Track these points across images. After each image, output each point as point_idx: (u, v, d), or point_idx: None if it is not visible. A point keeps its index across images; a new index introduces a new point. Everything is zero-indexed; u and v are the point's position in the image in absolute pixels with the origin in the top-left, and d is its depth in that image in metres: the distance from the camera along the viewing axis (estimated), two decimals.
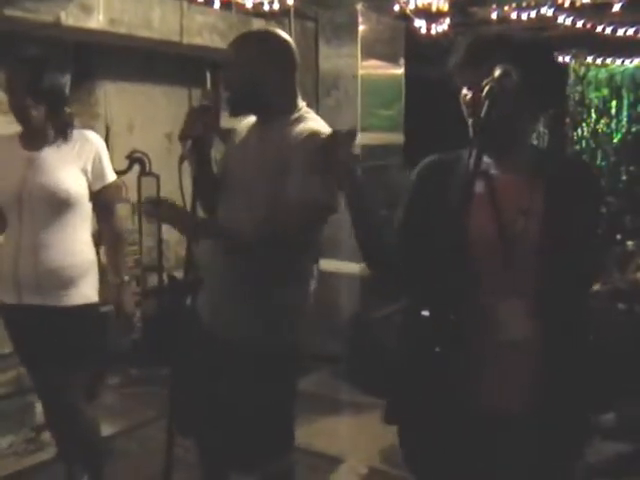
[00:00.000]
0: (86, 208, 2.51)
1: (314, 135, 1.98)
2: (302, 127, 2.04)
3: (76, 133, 2.50)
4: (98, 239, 2.65)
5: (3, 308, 2.57)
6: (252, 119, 2.21)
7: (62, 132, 2.47)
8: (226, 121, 2.23)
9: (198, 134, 1.97)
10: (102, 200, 2.55)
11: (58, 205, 2.42)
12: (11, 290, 2.48)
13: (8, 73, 2.43)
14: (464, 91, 1.59)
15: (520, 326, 1.55)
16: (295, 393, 2.21)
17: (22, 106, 2.40)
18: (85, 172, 2.47)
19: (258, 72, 2.06)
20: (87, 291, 2.51)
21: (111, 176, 2.56)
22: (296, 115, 2.10)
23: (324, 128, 2.05)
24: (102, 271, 2.62)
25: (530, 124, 1.63)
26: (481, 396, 1.56)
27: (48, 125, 2.45)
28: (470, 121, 1.59)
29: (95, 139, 2.54)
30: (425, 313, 1.63)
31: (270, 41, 2.12)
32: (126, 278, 2.61)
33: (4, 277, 2.50)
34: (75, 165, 2.45)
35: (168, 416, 1.88)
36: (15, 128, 2.53)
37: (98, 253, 2.64)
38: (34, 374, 2.62)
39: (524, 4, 4.41)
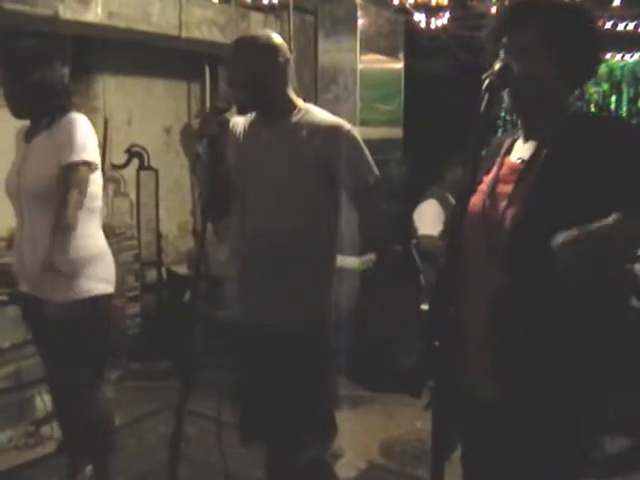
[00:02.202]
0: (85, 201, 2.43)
1: (338, 125, 2.23)
2: (321, 119, 2.23)
3: (64, 118, 2.42)
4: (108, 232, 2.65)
5: (19, 295, 2.63)
6: (242, 119, 2.32)
7: (50, 121, 2.43)
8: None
9: (214, 133, 2.08)
10: (58, 180, 2.37)
11: (37, 196, 2.39)
12: (21, 280, 2.56)
13: (3, 65, 2.42)
14: (498, 62, 1.51)
15: (496, 324, 1.51)
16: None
17: (17, 98, 2.40)
18: (57, 156, 2.37)
19: (257, 76, 2.18)
20: (88, 285, 2.47)
21: (71, 158, 2.36)
22: (301, 110, 2.24)
23: (338, 118, 2.28)
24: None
25: (564, 96, 1.56)
26: (470, 386, 1.57)
27: (44, 116, 2.43)
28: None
29: (74, 120, 2.42)
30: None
31: (264, 45, 2.21)
32: (55, 264, 2.40)
33: (16, 268, 2.58)
34: (51, 153, 2.39)
35: (177, 409, 1.90)
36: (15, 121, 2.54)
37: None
38: (45, 363, 2.66)
39: None
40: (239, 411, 2.37)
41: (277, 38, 2.25)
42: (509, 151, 1.62)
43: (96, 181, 2.50)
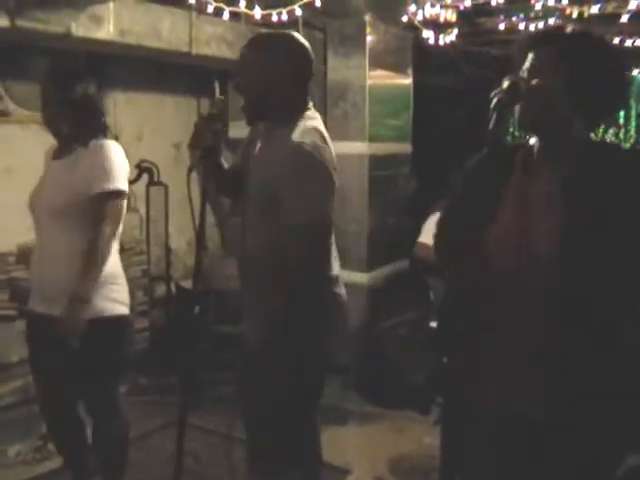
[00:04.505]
0: None
1: (297, 149, 1.96)
2: (289, 139, 2.00)
3: (95, 142, 2.45)
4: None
5: (26, 315, 2.62)
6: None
7: (82, 142, 2.44)
8: (236, 130, 2.25)
9: (208, 143, 1.95)
10: (92, 208, 2.40)
11: (58, 215, 2.40)
12: (33, 298, 2.54)
13: (42, 85, 2.43)
14: (506, 79, 1.53)
15: (533, 342, 1.51)
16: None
17: (55, 118, 2.40)
18: (86, 180, 2.40)
19: (267, 78, 2.01)
20: (101, 304, 2.43)
21: (101, 187, 2.39)
22: (299, 123, 2.04)
23: (309, 137, 2.00)
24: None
25: (582, 130, 1.55)
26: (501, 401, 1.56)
27: (77, 135, 2.44)
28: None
29: (103, 146, 2.44)
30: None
31: (278, 45, 2.06)
32: (81, 294, 2.35)
33: (32, 284, 2.57)
34: (79, 174, 2.41)
35: (179, 425, 1.88)
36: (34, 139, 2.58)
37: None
38: (44, 384, 2.60)
39: (532, 15, 4.41)
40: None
41: (289, 39, 2.07)
42: (526, 172, 1.58)
43: (123, 206, 2.51)
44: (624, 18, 4.25)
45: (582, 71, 1.48)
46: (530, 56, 1.54)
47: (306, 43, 2.08)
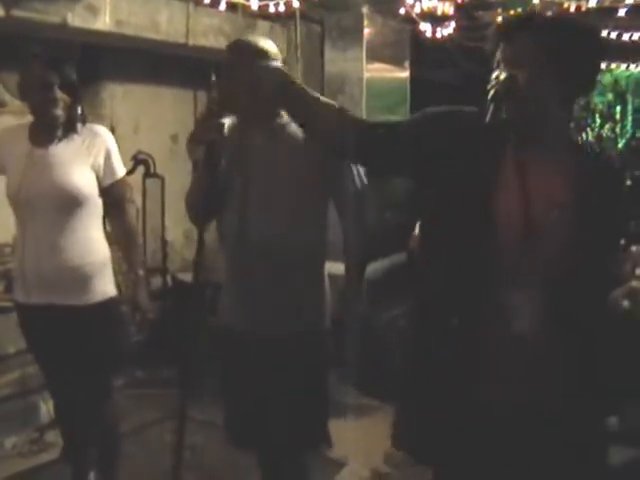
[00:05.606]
0: (98, 204, 2.49)
1: None
2: None
3: (85, 128, 2.47)
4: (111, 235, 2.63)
5: (19, 308, 2.56)
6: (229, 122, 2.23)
7: (72, 127, 2.44)
8: None
9: (211, 138, 1.99)
10: (113, 196, 2.53)
11: (68, 202, 2.39)
12: (27, 290, 2.48)
13: (33, 68, 2.38)
14: (503, 72, 1.54)
15: (532, 321, 1.53)
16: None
17: (48, 100, 2.36)
18: (94, 168, 2.44)
19: (255, 81, 2.06)
20: (104, 288, 2.49)
21: (121, 171, 2.54)
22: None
23: None
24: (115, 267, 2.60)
25: (563, 109, 1.58)
26: (491, 389, 1.56)
27: (64, 120, 2.42)
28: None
29: (105, 134, 2.51)
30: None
31: (260, 50, 2.17)
32: (140, 272, 2.58)
33: (20, 277, 2.50)
34: (84, 161, 2.42)
35: (179, 417, 1.88)
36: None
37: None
38: (50, 373, 2.61)
39: (529, 8, 4.41)
40: (230, 416, 2.35)
41: (271, 43, 2.21)
42: (520, 150, 1.58)
43: None
44: (621, 12, 4.26)
45: (556, 52, 1.49)
46: (502, 48, 1.54)
47: (274, 45, 2.23)
